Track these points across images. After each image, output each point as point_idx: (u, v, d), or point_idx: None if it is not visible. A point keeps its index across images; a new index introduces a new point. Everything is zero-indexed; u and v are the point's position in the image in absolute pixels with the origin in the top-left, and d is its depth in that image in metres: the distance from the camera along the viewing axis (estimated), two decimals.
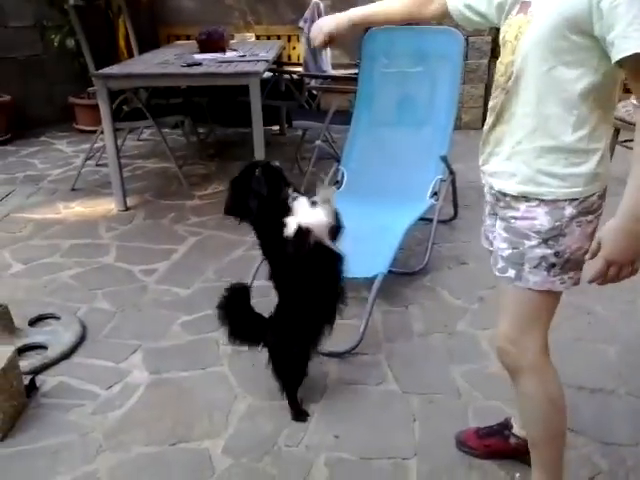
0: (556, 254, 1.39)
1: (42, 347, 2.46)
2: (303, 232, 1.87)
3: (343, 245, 2.81)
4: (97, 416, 2.11)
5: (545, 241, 1.39)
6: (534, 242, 1.40)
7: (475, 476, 1.83)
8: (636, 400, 2.06)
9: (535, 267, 1.41)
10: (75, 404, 2.17)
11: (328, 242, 1.94)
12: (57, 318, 2.67)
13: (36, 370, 2.31)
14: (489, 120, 1.48)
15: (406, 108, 3.58)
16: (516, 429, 1.86)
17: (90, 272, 3.17)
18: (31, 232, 3.70)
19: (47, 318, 2.69)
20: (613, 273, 1.29)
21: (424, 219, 3.16)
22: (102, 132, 3.95)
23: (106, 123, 3.80)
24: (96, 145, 4.67)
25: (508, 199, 1.44)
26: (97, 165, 4.91)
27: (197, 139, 5.66)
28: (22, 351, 2.38)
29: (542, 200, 1.38)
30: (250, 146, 3.76)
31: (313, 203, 1.94)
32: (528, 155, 1.38)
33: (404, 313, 2.74)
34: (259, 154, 3.72)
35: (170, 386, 2.27)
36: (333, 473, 1.86)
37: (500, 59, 1.43)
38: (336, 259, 2.00)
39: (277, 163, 2.02)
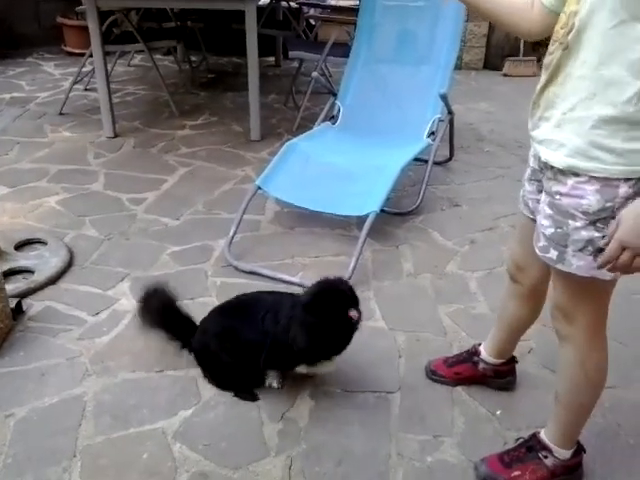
0: (605, 238, 1.22)
1: (28, 271, 2.44)
2: None
3: (335, 182, 2.80)
4: (84, 341, 2.11)
5: (593, 223, 1.24)
6: (580, 223, 1.25)
7: (457, 411, 1.86)
8: (618, 345, 2.09)
9: (580, 250, 1.27)
10: (62, 329, 2.16)
11: None
12: (44, 243, 2.64)
13: (22, 293, 2.30)
14: (542, 79, 1.30)
15: (406, 44, 3.48)
16: (484, 355, 1.91)
17: (78, 198, 3.12)
18: (17, 155, 3.62)
19: (34, 243, 2.66)
20: (626, 259, 1.15)
21: (419, 160, 3.12)
22: (91, 55, 3.82)
23: (95, 45, 3.66)
24: (85, 69, 4.52)
25: (555, 170, 1.29)
26: (86, 90, 4.79)
27: (189, 67, 5.49)
28: (8, 275, 2.36)
29: (593, 177, 1.21)
30: (244, 76, 3.66)
31: None
32: (581, 124, 1.20)
33: (394, 253, 2.73)
34: (253, 85, 3.62)
35: None
36: (318, 404, 1.89)
37: (564, 7, 1.25)
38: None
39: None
